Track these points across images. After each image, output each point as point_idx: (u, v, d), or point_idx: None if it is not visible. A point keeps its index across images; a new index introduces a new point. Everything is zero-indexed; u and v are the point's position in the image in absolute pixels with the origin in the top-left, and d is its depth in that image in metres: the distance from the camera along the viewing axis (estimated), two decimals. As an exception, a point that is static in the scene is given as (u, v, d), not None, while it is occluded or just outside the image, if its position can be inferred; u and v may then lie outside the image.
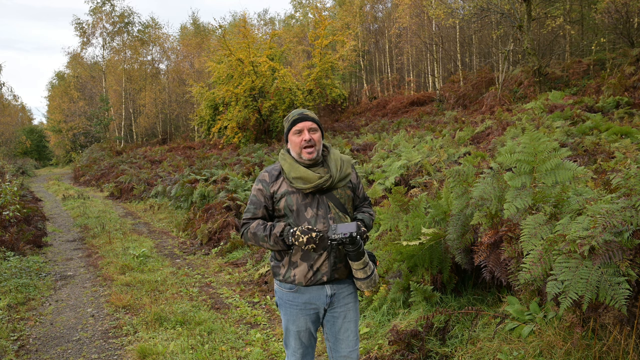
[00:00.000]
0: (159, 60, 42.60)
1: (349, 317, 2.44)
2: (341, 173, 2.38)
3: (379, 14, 35.92)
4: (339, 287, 2.40)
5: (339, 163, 2.39)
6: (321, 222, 2.30)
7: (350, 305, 2.44)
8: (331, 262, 2.32)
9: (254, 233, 2.33)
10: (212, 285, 5.96)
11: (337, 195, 2.37)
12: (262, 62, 20.25)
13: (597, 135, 8.00)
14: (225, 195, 9.56)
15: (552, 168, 3.00)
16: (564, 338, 2.71)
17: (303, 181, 2.29)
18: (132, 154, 27.28)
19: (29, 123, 58.17)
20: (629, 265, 2.17)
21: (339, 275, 2.37)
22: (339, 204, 2.37)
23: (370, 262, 2.37)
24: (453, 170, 3.88)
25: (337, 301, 2.40)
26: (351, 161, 2.49)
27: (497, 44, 23.18)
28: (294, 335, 2.43)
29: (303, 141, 2.31)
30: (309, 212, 2.31)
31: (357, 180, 2.53)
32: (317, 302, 2.37)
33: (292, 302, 2.38)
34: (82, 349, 4.13)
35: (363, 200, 2.58)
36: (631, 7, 16.39)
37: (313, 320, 2.43)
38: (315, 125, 2.35)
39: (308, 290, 2.35)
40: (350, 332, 2.44)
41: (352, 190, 2.47)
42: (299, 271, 2.31)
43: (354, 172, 2.52)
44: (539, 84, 16.11)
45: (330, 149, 2.47)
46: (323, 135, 2.43)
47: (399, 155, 8.62)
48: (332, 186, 2.35)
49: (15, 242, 7.57)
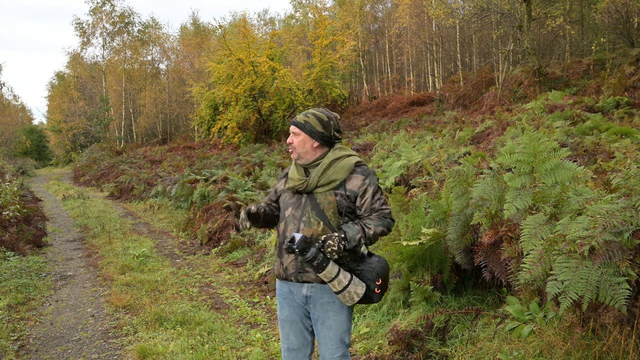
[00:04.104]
0: (159, 60, 42.66)
1: (327, 324, 2.37)
2: (322, 178, 2.32)
3: (379, 14, 35.93)
4: (317, 291, 2.35)
5: (324, 167, 2.33)
6: (293, 223, 2.36)
7: (331, 314, 2.36)
8: (297, 265, 2.34)
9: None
10: (212, 285, 5.96)
11: (317, 200, 2.33)
12: (262, 62, 20.25)
13: (597, 135, 8.00)
14: (225, 195, 9.56)
15: (552, 168, 3.00)
16: (564, 338, 2.71)
17: (290, 181, 2.44)
18: (132, 154, 27.27)
19: (29, 123, 58.14)
20: (629, 265, 2.17)
21: (307, 278, 2.34)
22: (317, 209, 2.32)
23: (343, 277, 2.24)
24: (453, 170, 3.88)
25: (314, 305, 2.38)
26: (351, 167, 2.34)
27: (497, 44, 23.18)
28: (280, 324, 2.54)
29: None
30: (289, 211, 2.41)
31: (361, 188, 2.32)
32: (296, 297, 2.43)
33: (280, 290, 2.51)
34: (82, 349, 4.13)
35: (369, 212, 2.33)
36: (631, 7, 16.40)
37: (299, 314, 2.44)
38: (298, 129, 2.39)
39: (287, 283, 2.45)
40: (328, 340, 2.38)
41: (344, 197, 2.32)
42: (276, 264, 2.48)
43: (358, 180, 2.33)
44: (539, 84, 16.11)
45: (332, 151, 2.39)
46: (317, 137, 2.36)
47: (399, 155, 8.62)
48: (308, 190, 2.35)
49: (15, 242, 7.57)
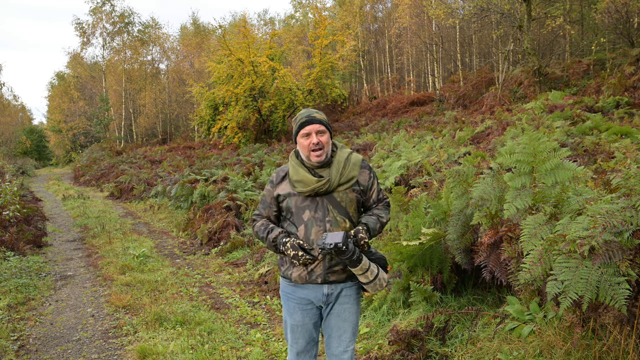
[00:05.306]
0: (159, 60, 42.67)
1: (343, 316, 2.42)
2: (342, 177, 2.34)
3: (379, 14, 35.93)
4: (337, 287, 2.40)
5: (342, 165, 2.34)
6: (317, 225, 2.30)
7: (348, 306, 2.42)
8: (325, 265, 2.33)
9: (256, 232, 2.48)
10: (212, 285, 5.96)
11: (337, 199, 2.34)
12: (262, 62, 20.26)
13: (597, 135, 7.99)
14: (225, 195, 9.56)
15: (552, 168, 3.00)
16: (564, 338, 2.71)
17: (302, 184, 2.32)
18: (132, 154, 27.27)
19: (29, 123, 58.15)
20: (629, 265, 2.17)
21: (335, 278, 2.36)
22: (339, 207, 2.33)
23: (373, 267, 2.32)
24: (453, 170, 3.88)
25: (334, 300, 2.41)
26: (360, 162, 2.41)
27: (497, 44, 23.18)
28: (290, 329, 2.48)
29: (311, 144, 2.31)
30: (307, 214, 2.32)
31: (369, 181, 2.43)
32: (314, 299, 2.40)
33: (291, 295, 2.44)
34: (82, 349, 4.13)
35: (377, 202, 2.47)
36: (631, 7, 16.39)
37: (311, 317, 2.44)
38: (324, 127, 2.33)
39: (306, 287, 2.39)
40: (343, 332, 2.42)
41: (360, 192, 2.40)
42: (295, 270, 2.37)
43: (365, 174, 2.42)
44: (539, 84, 16.11)
45: (339, 149, 2.42)
46: (332, 135, 2.40)
47: (399, 155, 8.62)
48: (330, 190, 2.33)
49: (15, 242, 7.57)
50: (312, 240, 2.30)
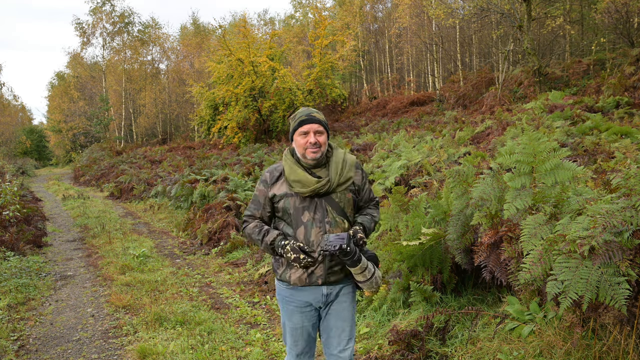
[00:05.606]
0: (159, 60, 42.69)
1: (342, 315, 2.43)
2: (341, 177, 2.35)
3: (379, 14, 35.93)
4: (335, 287, 2.41)
5: (340, 166, 2.35)
6: (317, 226, 2.30)
7: (346, 305, 2.43)
8: (326, 266, 2.33)
9: (249, 234, 2.42)
10: (212, 285, 5.96)
11: (336, 199, 2.34)
12: (262, 62, 20.25)
13: (597, 135, 7.99)
14: (225, 195, 9.56)
15: (551, 168, 3.00)
16: (564, 338, 2.71)
17: (301, 185, 2.30)
18: (132, 154, 27.28)
19: (29, 123, 58.16)
20: (629, 265, 2.17)
21: (335, 278, 2.37)
22: (337, 208, 2.34)
23: (369, 265, 2.34)
24: (453, 171, 3.88)
25: (332, 300, 2.41)
26: (355, 163, 2.43)
27: (497, 44, 23.18)
28: (289, 332, 2.47)
29: (308, 143, 2.31)
30: (306, 215, 2.31)
31: (362, 181, 2.46)
32: (314, 301, 2.40)
33: (289, 299, 2.42)
34: (82, 349, 4.13)
35: (368, 202, 2.51)
36: (631, 7, 16.39)
37: (309, 319, 2.44)
38: (322, 127, 2.34)
39: (304, 289, 2.38)
40: (342, 331, 2.43)
41: (355, 192, 2.42)
42: (294, 273, 2.35)
43: (358, 174, 2.45)
44: (539, 84, 16.11)
45: (335, 149, 2.43)
46: (329, 136, 2.41)
47: (399, 155, 8.62)
48: (330, 191, 2.33)
49: (15, 242, 7.57)
50: (312, 242, 2.29)
